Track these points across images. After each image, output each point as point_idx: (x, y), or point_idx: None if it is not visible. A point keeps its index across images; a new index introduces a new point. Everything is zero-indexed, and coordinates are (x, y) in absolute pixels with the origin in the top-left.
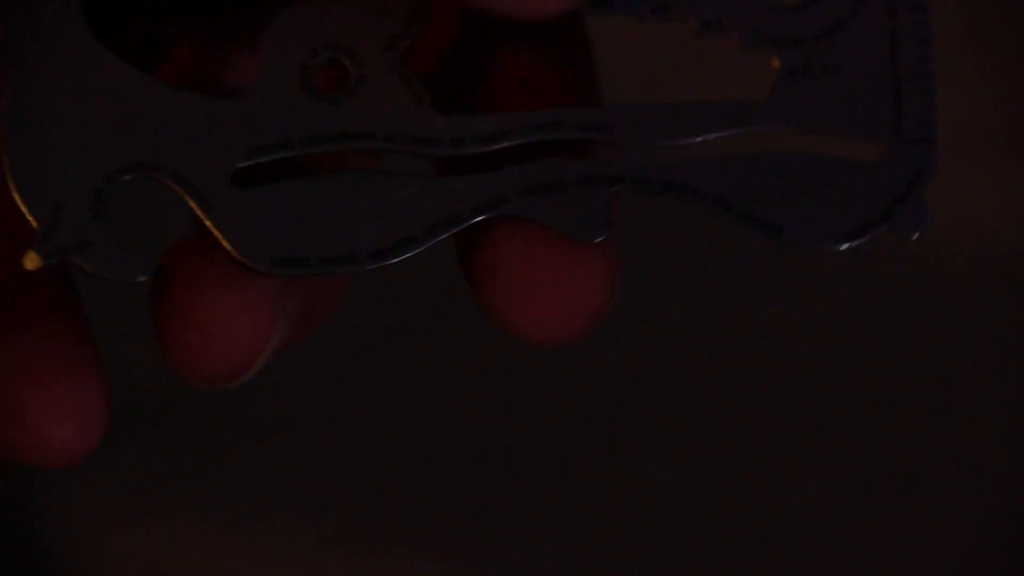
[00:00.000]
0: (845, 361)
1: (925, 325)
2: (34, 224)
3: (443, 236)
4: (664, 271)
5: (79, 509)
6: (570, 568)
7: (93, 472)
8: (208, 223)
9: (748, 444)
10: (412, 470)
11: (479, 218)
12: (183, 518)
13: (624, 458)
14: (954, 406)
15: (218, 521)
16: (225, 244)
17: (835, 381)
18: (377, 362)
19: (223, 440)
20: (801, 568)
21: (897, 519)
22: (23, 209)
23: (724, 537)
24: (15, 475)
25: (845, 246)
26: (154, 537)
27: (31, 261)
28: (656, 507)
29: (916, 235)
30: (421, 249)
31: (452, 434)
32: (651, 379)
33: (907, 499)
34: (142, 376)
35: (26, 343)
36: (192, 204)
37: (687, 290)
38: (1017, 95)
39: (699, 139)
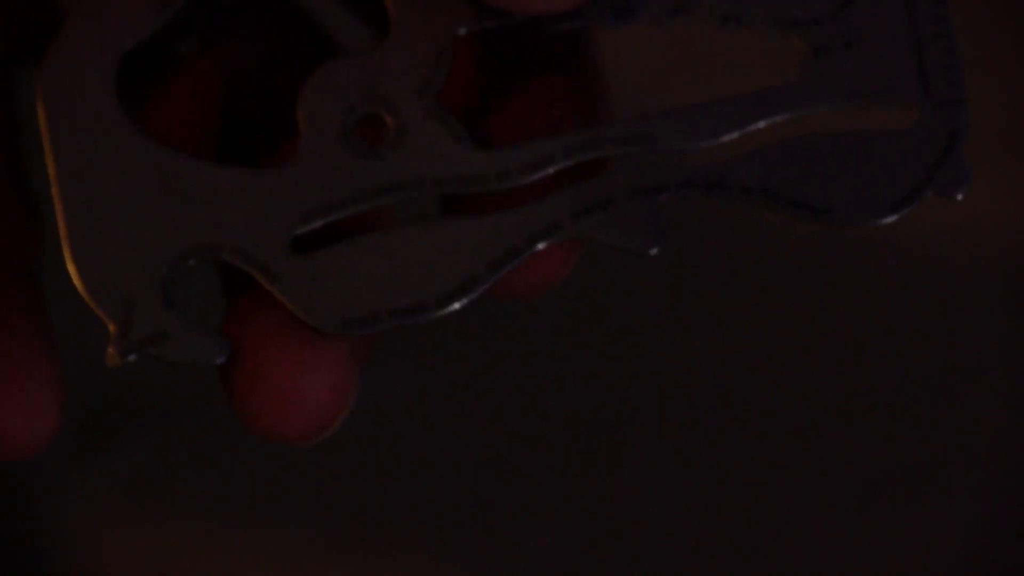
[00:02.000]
0: (845, 362)
1: (925, 325)
2: (109, 324)
3: (506, 270)
4: (662, 274)
5: (79, 509)
6: (570, 570)
7: (93, 472)
8: (276, 294)
9: (748, 445)
10: (412, 472)
11: (539, 246)
12: (183, 518)
13: (623, 462)
14: (954, 406)
15: (218, 521)
16: (296, 312)
17: (835, 382)
18: (377, 365)
19: (223, 440)
20: (801, 568)
21: (897, 519)
22: (96, 311)
23: (724, 539)
24: (15, 475)
25: (894, 216)
26: (154, 537)
27: (111, 360)
28: (656, 511)
29: (961, 195)
30: (487, 286)
31: (452, 437)
32: (650, 383)
33: (907, 499)
34: (141, 376)
35: None
36: (257, 277)
37: (686, 291)
38: (1017, 95)
39: (738, 133)
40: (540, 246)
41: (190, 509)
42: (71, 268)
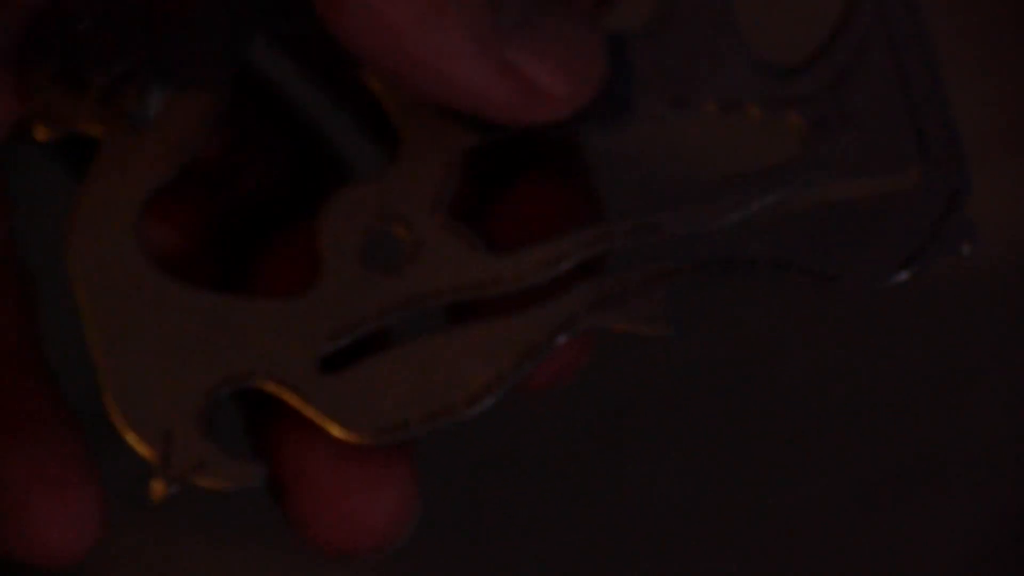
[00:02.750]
0: (845, 362)
1: (925, 325)
2: (152, 459)
3: (530, 367)
4: None
5: None
6: (570, 570)
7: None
8: (310, 413)
9: (748, 445)
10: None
11: (559, 341)
12: (183, 518)
13: (623, 462)
14: (954, 406)
15: (218, 522)
16: (329, 427)
17: (835, 382)
18: None
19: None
20: (801, 568)
21: (897, 519)
22: (137, 447)
23: (724, 539)
24: None
25: (904, 276)
26: (154, 537)
27: (156, 494)
28: (656, 511)
29: (968, 251)
30: (512, 384)
31: (453, 438)
32: (650, 383)
33: (907, 499)
34: None
35: (30, 453)
36: (290, 399)
37: (685, 291)
38: (1017, 95)
39: (743, 213)
40: (560, 340)
41: (190, 509)
42: (111, 408)
